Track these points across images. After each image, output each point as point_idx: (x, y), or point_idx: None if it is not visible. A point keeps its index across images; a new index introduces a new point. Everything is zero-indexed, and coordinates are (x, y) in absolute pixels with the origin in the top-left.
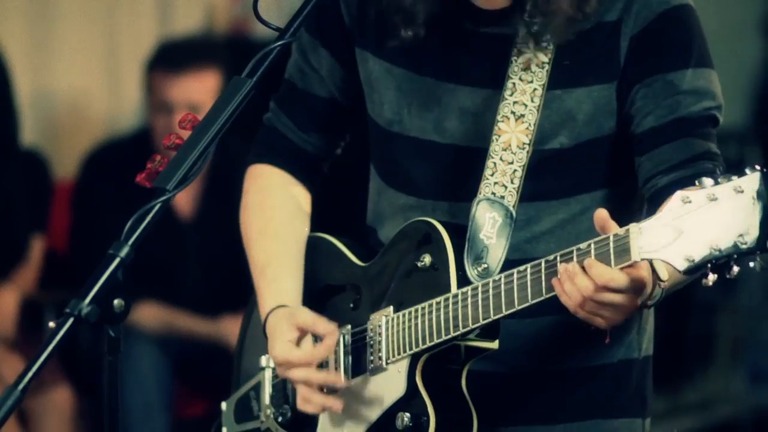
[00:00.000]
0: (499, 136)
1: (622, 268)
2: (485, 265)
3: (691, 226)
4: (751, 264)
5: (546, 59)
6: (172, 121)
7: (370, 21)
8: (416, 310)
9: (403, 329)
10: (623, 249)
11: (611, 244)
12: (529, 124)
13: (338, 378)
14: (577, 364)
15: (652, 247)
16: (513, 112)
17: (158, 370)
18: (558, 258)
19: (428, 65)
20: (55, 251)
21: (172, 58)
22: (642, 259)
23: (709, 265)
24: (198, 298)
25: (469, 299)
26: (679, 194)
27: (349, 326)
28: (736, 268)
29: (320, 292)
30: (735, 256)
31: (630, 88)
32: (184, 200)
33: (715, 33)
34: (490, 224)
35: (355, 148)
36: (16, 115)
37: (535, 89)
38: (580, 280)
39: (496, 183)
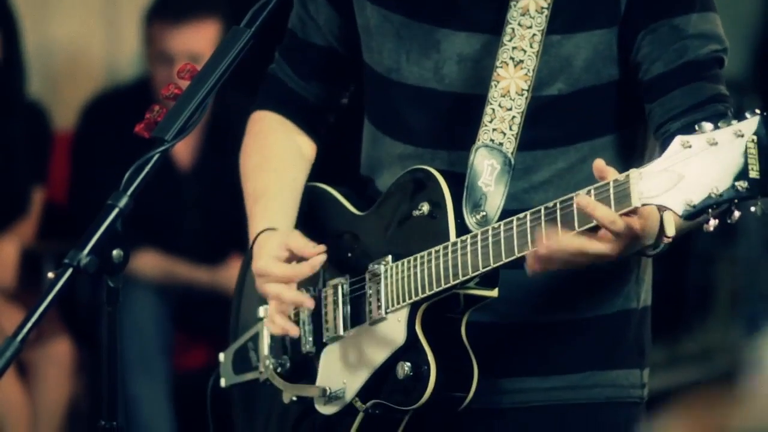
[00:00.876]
0: (498, 82)
1: (621, 215)
2: (483, 213)
3: (692, 171)
4: (752, 209)
5: (545, 4)
6: (172, 72)
7: None
8: (415, 259)
9: (402, 278)
10: (624, 194)
11: (611, 190)
12: (528, 70)
13: (310, 302)
14: (574, 315)
15: (653, 192)
16: (512, 58)
17: (157, 319)
18: (558, 204)
19: (426, 11)
20: (54, 202)
21: (171, 8)
22: (643, 205)
23: (710, 210)
24: (197, 246)
25: (469, 247)
26: (678, 139)
27: (347, 276)
28: (737, 213)
29: (317, 241)
30: (735, 200)
31: (635, 35)
32: (183, 150)
33: None
34: (488, 172)
35: (354, 98)
36: (23, 68)
37: (534, 35)
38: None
39: (494, 129)
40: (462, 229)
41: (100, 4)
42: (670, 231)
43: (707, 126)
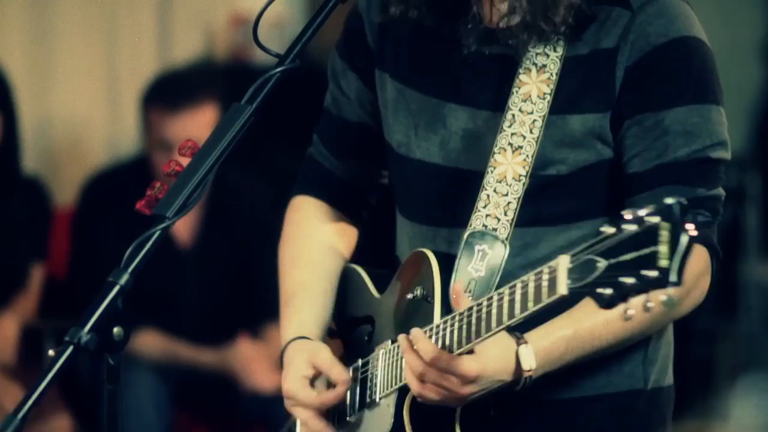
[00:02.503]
0: (495, 167)
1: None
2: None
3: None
4: (663, 297)
5: (547, 89)
6: (171, 157)
7: (388, 41)
8: None
9: (393, 363)
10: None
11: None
12: (527, 156)
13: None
14: (575, 394)
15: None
16: (510, 144)
17: (158, 398)
18: (517, 284)
19: (435, 85)
20: (55, 278)
21: (168, 93)
22: (570, 290)
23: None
24: (197, 326)
25: (448, 329)
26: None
27: (360, 360)
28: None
29: (345, 324)
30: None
31: (622, 123)
32: (183, 227)
33: (714, 57)
34: (479, 257)
35: None
36: (19, 143)
37: (534, 120)
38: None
39: (488, 215)
40: (449, 312)
41: (102, 80)
42: (527, 364)
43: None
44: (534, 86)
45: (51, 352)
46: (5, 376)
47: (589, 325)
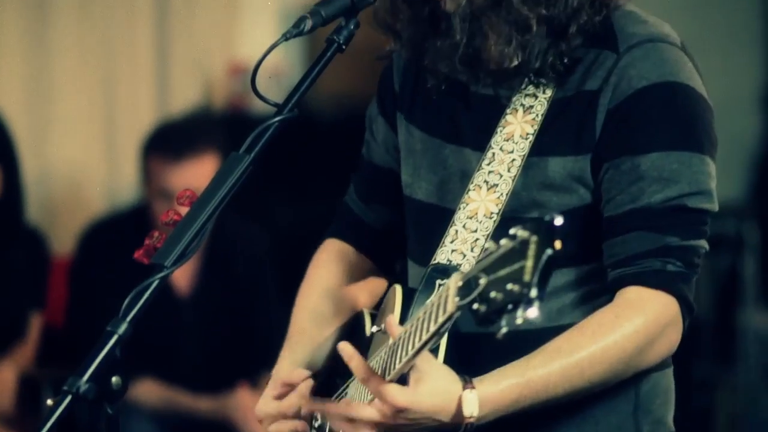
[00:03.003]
0: (467, 204)
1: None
2: None
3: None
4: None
5: (531, 130)
6: (171, 205)
7: (409, 84)
8: None
9: (361, 398)
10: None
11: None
12: (501, 194)
13: (305, 427)
14: None
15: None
16: (486, 182)
17: None
18: (428, 306)
19: (439, 126)
20: (53, 327)
21: (169, 143)
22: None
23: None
24: (196, 374)
25: (384, 357)
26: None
27: (346, 395)
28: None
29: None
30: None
31: (601, 166)
32: (182, 276)
33: (713, 106)
34: (438, 290)
35: None
36: (21, 194)
37: (513, 159)
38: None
39: (453, 251)
40: None
41: (100, 129)
42: (468, 411)
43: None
44: (518, 126)
45: (49, 402)
46: (3, 426)
47: (543, 372)
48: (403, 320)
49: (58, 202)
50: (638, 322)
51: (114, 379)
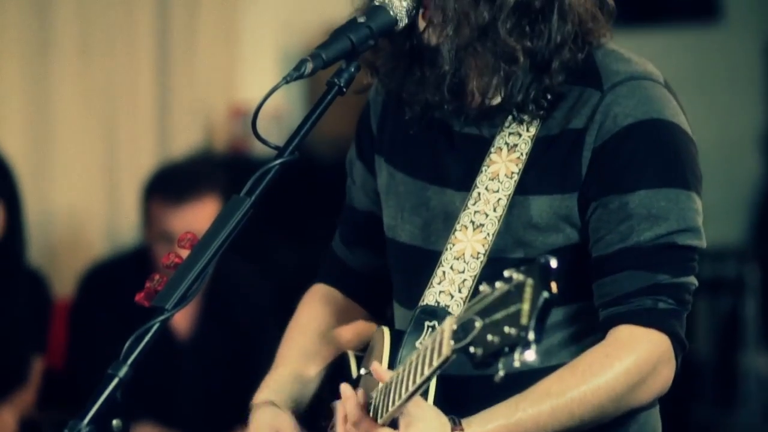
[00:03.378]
0: (454, 244)
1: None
2: None
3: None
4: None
5: (516, 169)
6: (173, 248)
7: (388, 126)
8: None
9: None
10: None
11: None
12: (488, 234)
13: None
14: None
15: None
16: (472, 222)
17: None
18: (420, 350)
19: (421, 168)
20: (54, 370)
21: (170, 186)
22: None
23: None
24: (195, 417)
25: (375, 399)
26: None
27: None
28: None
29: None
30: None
31: (588, 205)
32: (182, 319)
33: (713, 148)
34: (428, 332)
35: None
36: (23, 236)
37: (499, 199)
38: None
39: (441, 292)
40: None
41: (101, 171)
42: None
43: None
44: (503, 165)
45: None
46: None
47: (532, 412)
48: (392, 362)
49: (60, 243)
50: (629, 361)
51: (115, 422)
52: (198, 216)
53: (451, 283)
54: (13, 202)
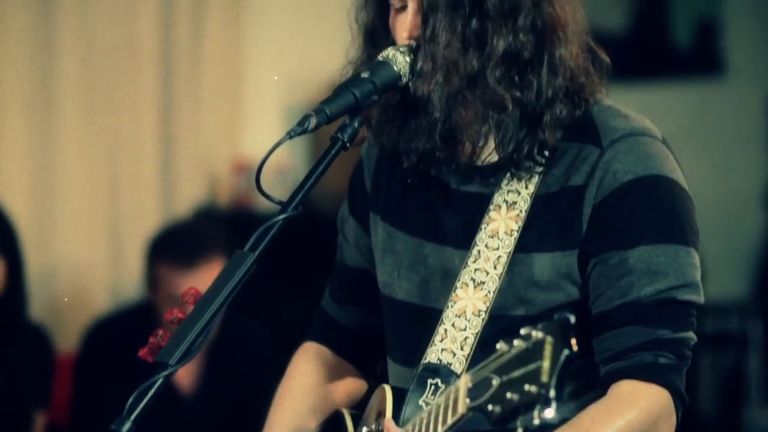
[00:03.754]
0: (455, 302)
1: None
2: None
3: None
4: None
5: (515, 226)
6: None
7: (383, 184)
8: None
9: None
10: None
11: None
12: (489, 292)
13: None
14: None
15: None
16: (473, 279)
17: None
18: (432, 407)
19: (419, 226)
20: (57, 425)
21: (178, 249)
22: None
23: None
24: None
25: None
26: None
27: None
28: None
29: None
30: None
31: (588, 261)
32: (185, 374)
33: (716, 203)
34: (431, 390)
35: None
36: (25, 291)
37: (499, 256)
38: None
39: (444, 349)
40: None
41: (104, 226)
42: None
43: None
44: (503, 223)
45: None
46: None
47: None
48: (395, 420)
49: (62, 299)
50: (631, 417)
51: None
52: (207, 279)
53: (453, 340)
54: (15, 257)
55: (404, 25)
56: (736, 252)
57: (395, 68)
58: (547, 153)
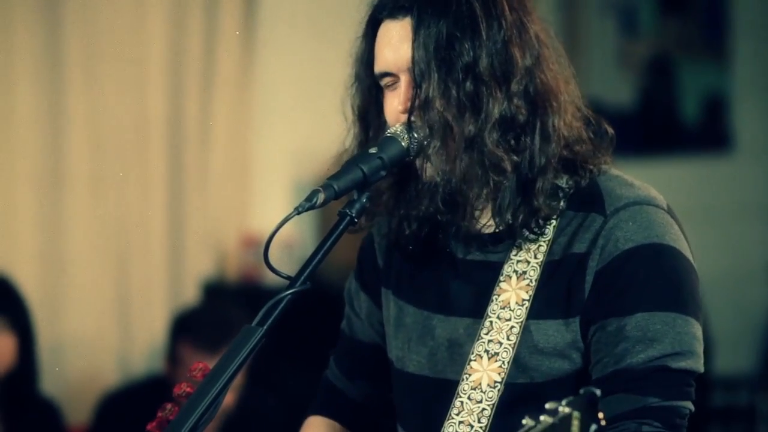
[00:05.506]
0: (470, 375)
1: None
2: None
3: None
4: None
5: (526, 296)
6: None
7: (394, 259)
8: None
9: None
10: None
11: None
12: (503, 362)
13: None
14: None
15: None
16: (487, 351)
17: None
18: None
19: (426, 298)
20: None
21: (203, 332)
22: None
23: None
24: None
25: None
26: None
27: None
28: None
29: None
30: None
31: (588, 328)
32: None
33: (724, 278)
34: None
35: None
36: (36, 366)
37: (512, 327)
38: None
39: (461, 422)
40: None
41: (113, 301)
42: None
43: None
44: (513, 293)
45: None
46: None
47: None
48: None
49: (72, 373)
50: None
51: None
52: None
53: (470, 413)
54: (26, 332)
55: (399, 99)
56: (744, 326)
57: (403, 143)
58: (542, 222)
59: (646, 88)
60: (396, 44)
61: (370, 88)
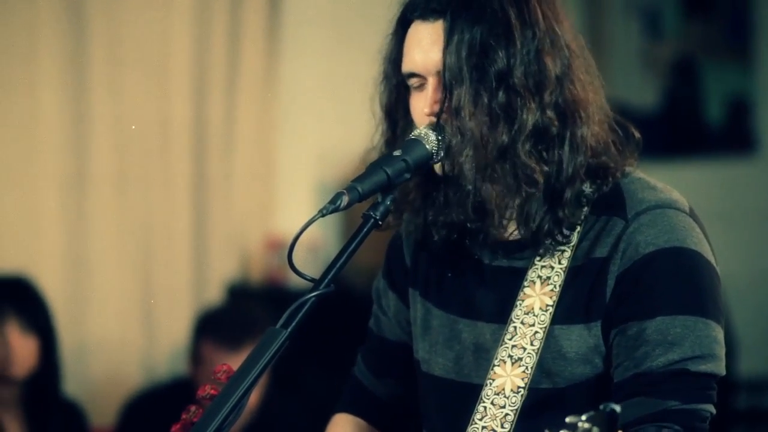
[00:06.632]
0: (494, 380)
1: None
2: None
3: None
4: None
5: (550, 301)
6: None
7: (422, 260)
8: None
9: None
10: None
11: None
12: (526, 368)
13: None
14: None
15: None
16: (510, 356)
17: None
18: None
19: (453, 302)
20: None
21: (225, 330)
22: None
23: None
24: None
25: None
26: None
27: None
28: None
29: None
30: None
31: (609, 332)
32: None
33: (748, 280)
34: None
35: None
36: (59, 368)
37: (536, 332)
38: None
39: (484, 427)
40: None
41: (137, 303)
42: None
43: None
44: (537, 299)
45: None
46: None
47: None
48: None
49: (96, 375)
50: None
51: None
52: None
53: (493, 418)
54: (49, 335)
55: (425, 101)
56: (762, 329)
57: (427, 146)
58: (566, 231)
59: (670, 90)
60: (426, 46)
61: (398, 87)
